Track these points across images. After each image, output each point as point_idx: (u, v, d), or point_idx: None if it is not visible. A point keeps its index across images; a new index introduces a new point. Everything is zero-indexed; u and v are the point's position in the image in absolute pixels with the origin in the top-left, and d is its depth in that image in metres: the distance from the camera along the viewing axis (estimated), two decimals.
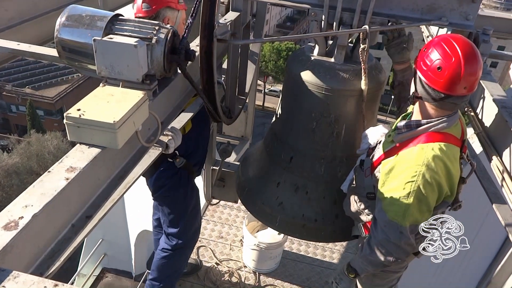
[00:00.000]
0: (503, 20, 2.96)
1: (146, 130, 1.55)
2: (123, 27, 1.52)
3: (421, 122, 1.76)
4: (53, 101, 28.49)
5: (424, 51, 1.70)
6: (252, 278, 3.88)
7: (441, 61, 1.61)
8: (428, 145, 1.71)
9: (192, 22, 1.58)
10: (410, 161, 1.72)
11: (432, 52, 1.65)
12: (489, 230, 3.21)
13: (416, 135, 1.76)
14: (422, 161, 1.68)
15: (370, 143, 2.11)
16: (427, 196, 1.70)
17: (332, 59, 2.16)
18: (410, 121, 1.80)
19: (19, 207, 1.07)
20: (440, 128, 1.73)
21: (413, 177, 1.69)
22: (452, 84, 1.61)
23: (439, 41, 1.67)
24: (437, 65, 1.61)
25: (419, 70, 1.70)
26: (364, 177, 2.04)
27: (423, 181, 1.68)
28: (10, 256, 0.99)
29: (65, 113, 1.26)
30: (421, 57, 1.70)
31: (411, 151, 1.74)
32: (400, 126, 1.82)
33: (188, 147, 2.55)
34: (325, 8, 2.01)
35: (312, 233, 2.44)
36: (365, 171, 2.04)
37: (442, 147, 1.70)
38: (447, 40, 1.64)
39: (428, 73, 1.65)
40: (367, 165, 2.03)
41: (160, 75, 1.60)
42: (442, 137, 1.72)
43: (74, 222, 1.24)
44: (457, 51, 1.59)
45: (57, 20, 1.52)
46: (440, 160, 1.68)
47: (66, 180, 1.16)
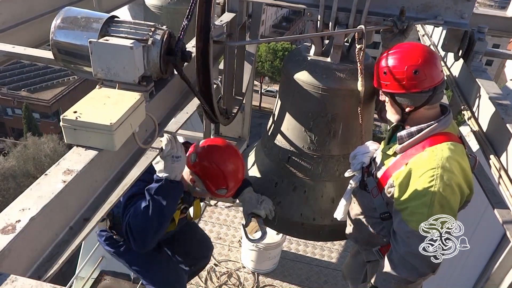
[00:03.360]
0: (497, 18, 2.98)
1: (143, 131, 1.54)
2: (119, 28, 1.52)
3: (422, 127, 1.74)
4: (49, 103, 28.37)
5: (386, 75, 1.74)
6: (251, 279, 3.88)
7: (412, 66, 1.67)
8: (437, 147, 1.68)
9: (188, 24, 1.58)
10: (424, 166, 1.66)
11: (394, 68, 1.71)
12: (486, 227, 3.22)
13: (419, 141, 1.74)
14: (436, 164, 1.63)
15: (364, 162, 2.03)
16: (448, 199, 1.63)
17: (328, 59, 2.16)
18: (410, 129, 1.77)
19: (16, 210, 1.06)
20: (441, 129, 1.73)
21: (430, 181, 1.63)
22: (432, 76, 1.68)
23: (388, 56, 1.76)
24: (412, 70, 1.67)
25: (396, 90, 1.72)
26: (372, 198, 1.93)
27: (442, 184, 1.62)
28: (8, 260, 0.98)
29: (62, 115, 1.25)
30: (391, 81, 1.72)
31: (421, 156, 1.69)
32: (402, 136, 1.78)
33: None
34: (320, 8, 2.01)
35: (310, 232, 2.44)
36: (371, 192, 1.94)
37: (450, 146, 1.68)
38: (396, 52, 1.75)
39: (410, 83, 1.68)
40: (372, 185, 1.93)
41: (157, 77, 1.60)
42: (445, 137, 1.71)
43: (71, 224, 1.24)
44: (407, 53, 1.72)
45: (52, 23, 1.52)
46: (453, 160, 1.65)
47: (63, 182, 1.16)
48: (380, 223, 1.93)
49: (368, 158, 2.03)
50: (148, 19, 4.19)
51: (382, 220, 1.92)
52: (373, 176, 1.95)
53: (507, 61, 6.30)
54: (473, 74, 2.18)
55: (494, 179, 1.91)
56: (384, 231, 1.94)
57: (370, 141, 2.13)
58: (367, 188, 1.98)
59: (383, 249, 1.97)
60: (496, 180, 1.86)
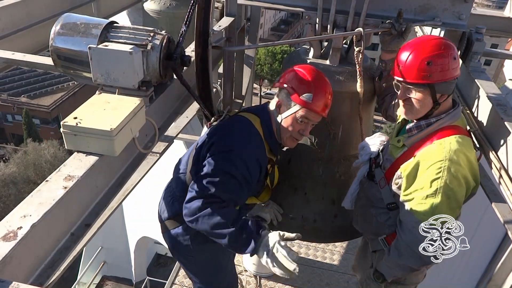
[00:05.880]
0: (495, 18, 2.99)
1: (143, 136, 1.55)
2: (118, 34, 1.52)
3: (431, 120, 1.75)
4: (49, 109, 28.40)
5: (430, 66, 1.66)
6: (253, 282, 3.87)
7: (452, 52, 1.66)
8: (445, 140, 1.69)
9: (186, 30, 1.58)
10: (432, 158, 1.69)
11: (439, 56, 1.65)
12: (487, 227, 3.21)
13: (428, 134, 1.75)
14: (444, 156, 1.66)
15: (372, 153, 2.06)
16: (455, 191, 1.66)
17: (327, 61, 2.17)
18: (419, 122, 1.78)
19: (18, 217, 1.07)
20: (450, 122, 1.74)
21: (438, 173, 1.65)
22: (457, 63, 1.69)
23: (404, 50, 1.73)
24: (452, 55, 1.66)
25: (442, 79, 1.67)
26: (379, 189, 1.96)
27: (449, 176, 1.65)
28: (10, 267, 0.98)
29: (62, 121, 1.26)
30: (437, 71, 1.66)
31: (430, 148, 1.71)
32: (411, 128, 1.79)
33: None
34: (319, 11, 2.02)
35: (311, 233, 2.44)
36: (379, 182, 1.96)
37: (459, 139, 1.69)
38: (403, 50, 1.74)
39: (453, 68, 1.67)
40: (380, 176, 1.95)
41: (156, 81, 1.61)
42: (454, 130, 1.72)
43: (73, 230, 1.24)
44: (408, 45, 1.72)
45: (51, 29, 1.52)
46: (461, 152, 1.67)
47: (64, 189, 1.16)
48: (387, 213, 1.96)
49: (376, 149, 2.05)
50: (147, 24, 4.20)
51: (389, 210, 1.94)
52: (381, 167, 1.97)
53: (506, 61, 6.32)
54: (472, 75, 2.18)
55: (494, 179, 1.91)
56: (390, 221, 1.96)
57: (379, 133, 2.15)
58: (374, 179, 2.00)
59: (389, 238, 1.98)
60: (497, 180, 1.86)
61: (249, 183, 1.79)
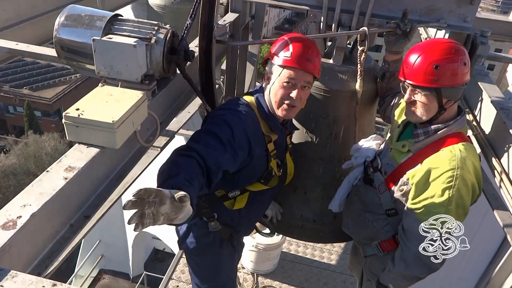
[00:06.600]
0: (500, 23, 2.99)
1: (145, 130, 1.55)
2: (122, 27, 1.52)
3: (440, 126, 1.72)
4: (50, 102, 28.39)
5: (439, 70, 1.63)
6: (250, 280, 3.87)
7: (463, 57, 1.63)
8: (454, 147, 1.67)
9: (191, 23, 1.58)
10: (443, 166, 1.65)
11: (449, 61, 1.62)
12: (487, 231, 3.21)
13: (435, 140, 1.72)
14: (455, 164, 1.63)
15: (368, 156, 2.01)
16: (464, 199, 1.65)
17: (331, 61, 2.17)
18: (427, 128, 1.74)
19: (18, 206, 1.07)
20: (457, 129, 1.72)
21: (449, 182, 1.63)
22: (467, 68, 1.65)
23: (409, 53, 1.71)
24: (462, 61, 1.62)
25: (450, 84, 1.64)
26: (378, 194, 1.91)
27: (461, 185, 1.63)
28: (8, 256, 0.98)
29: (64, 112, 1.26)
30: (444, 76, 1.63)
31: (439, 156, 1.68)
32: (418, 134, 1.76)
33: (234, 220, 2.09)
34: (324, 10, 2.02)
35: (310, 233, 2.44)
36: (378, 187, 1.91)
37: (466, 146, 1.68)
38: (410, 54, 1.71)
39: (463, 74, 1.63)
40: (380, 181, 1.90)
41: (159, 75, 1.61)
42: (461, 138, 1.71)
43: (72, 222, 1.24)
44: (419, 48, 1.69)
45: (56, 20, 1.52)
46: (470, 160, 1.65)
47: (65, 179, 1.16)
48: (385, 219, 1.92)
49: (373, 153, 2.01)
50: (151, 18, 4.18)
51: (387, 217, 1.90)
52: (381, 172, 1.92)
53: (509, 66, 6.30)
54: (475, 78, 2.18)
55: (495, 183, 1.91)
56: (387, 227, 1.92)
57: (374, 135, 2.11)
58: (373, 184, 1.95)
59: (383, 244, 1.96)
60: (497, 184, 1.86)
61: (234, 149, 1.67)
